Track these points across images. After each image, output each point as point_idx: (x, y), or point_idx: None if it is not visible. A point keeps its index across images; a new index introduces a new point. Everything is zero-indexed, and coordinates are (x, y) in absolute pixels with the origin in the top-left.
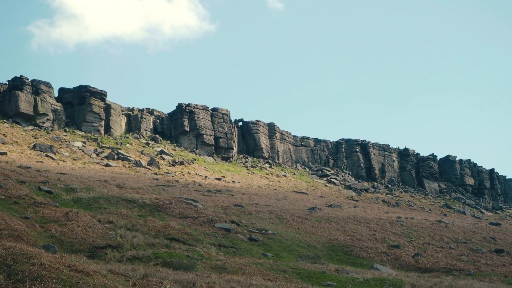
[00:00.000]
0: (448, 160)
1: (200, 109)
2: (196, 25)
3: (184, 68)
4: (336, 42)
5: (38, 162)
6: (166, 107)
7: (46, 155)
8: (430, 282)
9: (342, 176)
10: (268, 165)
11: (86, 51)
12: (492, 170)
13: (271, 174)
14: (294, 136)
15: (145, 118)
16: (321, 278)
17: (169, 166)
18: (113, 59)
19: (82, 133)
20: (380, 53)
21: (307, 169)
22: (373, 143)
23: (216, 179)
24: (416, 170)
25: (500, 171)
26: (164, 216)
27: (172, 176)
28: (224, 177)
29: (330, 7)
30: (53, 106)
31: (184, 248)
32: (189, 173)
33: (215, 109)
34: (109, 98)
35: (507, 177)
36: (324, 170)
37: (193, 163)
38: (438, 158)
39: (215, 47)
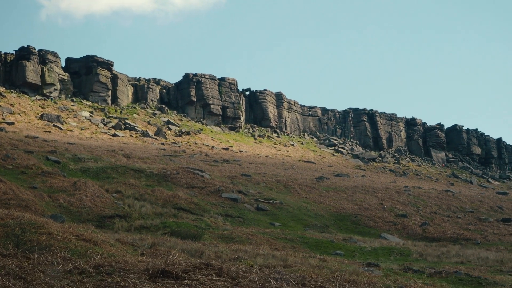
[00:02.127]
0: (455, 130)
1: (207, 78)
2: None
3: (193, 39)
4: (343, 11)
5: (45, 132)
6: (174, 78)
7: (54, 125)
8: (438, 251)
9: (350, 145)
10: (276, 135)
11: (95, 22)
12: (499, 139)
13: (279, 143)
14: (301, 105)
15: (151, 88)
16: (329, 247)
17: (176, 136)
18: (121, 31)
19: (89, 103)
20: (388, 22)
21: (315, 139)
22: (380, 112)
23: (223, 149)
24: (423, 139)
25: (508, 140)
26: (171, 186)
27: (179, 146)
28: (231, 146)
29: None
30: (60, 76)
31: (191, 218)
32: (195, 143)
33: (222, 79)
34: (117, 69)
35: None
36: (332, 140)
37: (200, 133)
38: (445, 128)
39: (224, 18)
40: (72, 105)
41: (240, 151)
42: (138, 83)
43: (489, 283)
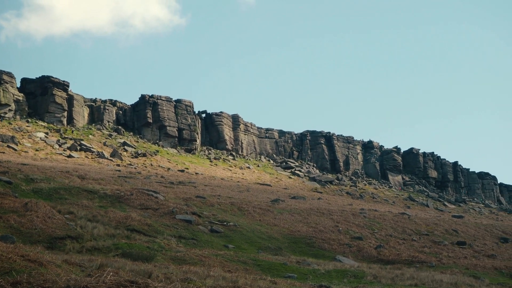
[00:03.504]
0: (412, 153)
1: (163, 100)
2: (167, 19)
3: (152, 62)
4: (301, 36)
5: None
6: (131, 99)
7: (8, 146)
8: (392, 274)
9: (307, 168)
10: (232, 157)
11: (54, 44)
12: (455, 163)
13: (235, 166)
14: (258, 127)
15: (108, 109)
16: (282, 269)
17: (132, 157)
18: (81, 53)
19: (45, 124)
20: (343, 45)
21: (271, 161)
22: (338, 135)
23: (179, 171)
24: (380, 162)
25: (464, 163)
26: (125, 207)
27: (135, 168)
28: (187, 169)
29: (299, 2)
30: (15, 96)
31: (144, 239)
32: (151, 164)
33: (178, 101)
34: (74, 90)
35: (470, 170)
36: (289, 162)
37: (156, 154)
38: (402, 151)
39: (183, 41)
40: (27, 126)
41: (196, 173)
42: (94, 104)
43: None
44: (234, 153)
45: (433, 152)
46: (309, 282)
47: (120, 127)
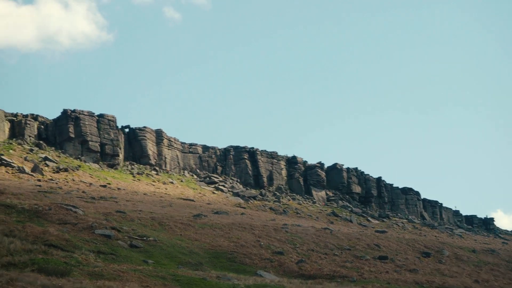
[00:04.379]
0: (336, 168)
1: (85, 115)
2: (94, 35)
3: (77, 78)
4: (223, 49)
5: None
6: (53, 114)
7: None
8: None
9: (230, 183)
10: (155, 172)
11: None
12: (379, 178)
13: (158, 181)
14: (182, 142)
15: (29, 124)
16: (202, 285)
17: (54, 173)
18: (5, 69)
19: None
20: (269, 58)
21: (195, 176)
22: (262, 150)
23: (101, 186)
24: (304, 178)
25: (387, 179)
26: (43, 222)
27: (56, 183)
28: (109, 184)
29: (223, 18)
30: None
31: (62, 255)
32: (73, 180)
33: (101, 115)
34: None
35: (394, 185)
36: (212, 177)
37: (78, 170)
38: (325, 166)
39: (110, 57)
40: None
41: (118, 189)
42: (15, 118)
43: None
44: (157, 168)
45: (357, 168)
46: None
47: (41, 142)
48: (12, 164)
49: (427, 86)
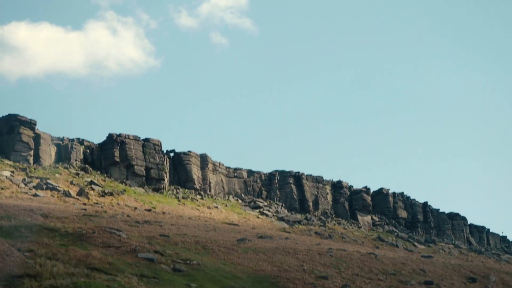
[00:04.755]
0: (381, 193)
1: (131, 139)
2: (142, 60)
3: (124, 102)
4: (271, 79)
5: None
6: (100, 139)
7: None
8: None
9: (275, 208)
10: (200, 197)
11: (27, 86)
12: (425, 203)
13: (203, 205)
14: (227, 167)
15: (75, 148)
16: None
17: (99, 196)
18: (53, 94)
19: (11, 163)
20: (311, 87)
21: (240, 201)
22: (307, 174)
23: (146, 210)
24: (349, 202)
25: (434, 204)
26: (86, 246)
27: (101, 207)
28: (154, 208)
29: (270, 44)
30: None
31: (104, 278)
32: (118, 204)
33: (146, 140)
34: (43, 129)
35: (440, 210)
36: (257, 202)
37: (123, 194)
38: (371, 191)
39: (157, 83)
40: None
41: (163, 213)
42: (61, 143)
43: None
44: (202, 193)
45: (403, 192)
46: None
47: (87, 166)
48: (58, 188)
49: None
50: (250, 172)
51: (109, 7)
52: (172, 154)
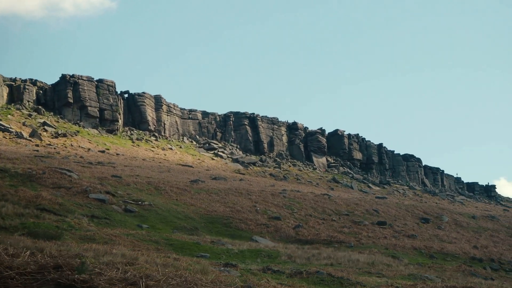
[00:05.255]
0: (337, 135)
1: (84, 80)
2: (98, 2)
3: (80, 44)
4: (226, 18)
5: None
6: (53, 80)
7: None
8: (308, 253)
9: (230, 149)
10: (154, 138)
11: None
12: (380, 145)
13: (157, 147)
14: (181, 108)
15: (28, 89)
16: (195, 249)
17: (52, 138)
18: (9, 35)
19: None
20: (271, 26)
21: (194, 142)
22: (262, 116)
23: (99, 151)
24: (304, 144)
25: (389, 146)
26: (36, 186)
27: (54, 148)
28: (108, 149)
29: None
30: None
31: (54, 219)
32: (71, 145)
33: (100, 80)
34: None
35: (395, 152)
36: (212, 144)
37: (76, 135)
38: (326, 133)
39: (113, 24)
40: None
41: (117, 154)
42: (14, 83)
43: (351, 283)
44: (156, 134)
45: (358, 134)
46: (221, 262)
47: (40, 107)
48: (10, 129)
49: (428, 49)
50: (205, 114)
51: None
52: (126, 95)
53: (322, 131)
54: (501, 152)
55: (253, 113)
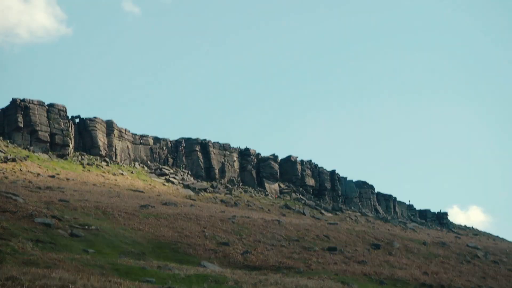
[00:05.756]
0: (289, 161)
1: (35, 104)
2: (53, 28)
3: (32, 70)
4: (185, 43)
5: None
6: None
7: None
8: (255, 279)
9: (181, 175)
10: (105, 163)
11: None
12: (333, 171)
13: (108, 172)
14: (133, 134)
15: None
16: (141, 274)
17: (1, 162)
18: None
19: None
20: (224, 50)
21: (146, 168)
22: (214, 142)
23: (49, 176)
24: (256, 170)
25: (341, 172)
26: None
27: (3, 173)
28: (58, 174)
29: (185, 12)
30: None
31: None
32: (21, 170)
33: (51, 105)
34: None
35: (348, 179)
36: (163, 169)
37: (26, 160)
38: (279, 159)
39: (68, 50)
40: None
41: (67, 179)
42: None
43: None
44: (108, 159)
45: (310, 160)
46: (166, 286)
47: None
48: None
49: (379, 77)
50: (157, 139)
51: None
52: (77, 120)
53: (274, 157)
54: (454, 180)
55: (205, 139)
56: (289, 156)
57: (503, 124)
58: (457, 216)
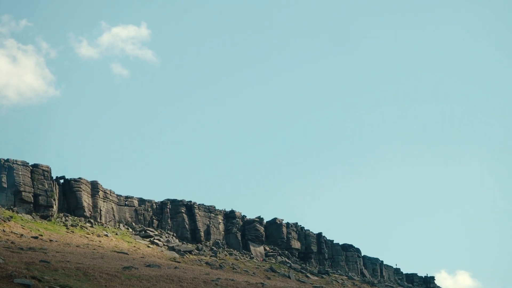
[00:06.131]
0: (275, 223)
1: (19, 165)
2: (42, 90)
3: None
4: (173, 106)
5: None
6: None
7: None
8: None
9: (166, 237)
10: (90, 224)
11: None
12: (319, 234)
13: (92, 233)
14: (118, 195)
15: None
16: None
17: None
18: None
19: None
20: (210, 116)
21: (130, 229)
22: (199, 204)
23: (32, 237)
24: (242, 232)
25: (328, 235)
26: None
27: None
28: (41, 235)
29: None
30: None
31: None
32: (4, 230)
33: (35, 165)
34: None
35: (334, 242)
36: (148, 231)
37: (9, 221)
38: (265, 221)
39: (57, 112)
40: None
41: (50, 240)
42: None
43: None
44: (92, 221)
45: (296, 223)
46: None
47: None
48: None
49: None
50: (142, 201)
51: (9, 34)
52: (62, 181)
53: (260, 219)
54: (442, 245)
55: (190, 201)
56: (275, 219)
57: (492, 188)
58: (444, 281)
